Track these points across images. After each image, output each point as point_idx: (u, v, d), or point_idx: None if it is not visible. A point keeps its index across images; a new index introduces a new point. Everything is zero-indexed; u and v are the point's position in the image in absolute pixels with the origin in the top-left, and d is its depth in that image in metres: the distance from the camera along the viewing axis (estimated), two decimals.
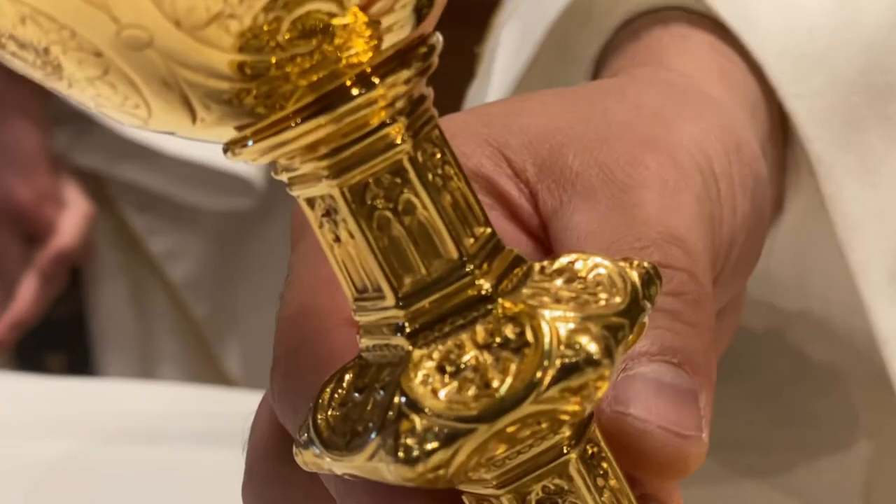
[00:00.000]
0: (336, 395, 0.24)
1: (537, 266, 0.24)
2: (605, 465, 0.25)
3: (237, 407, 0.63)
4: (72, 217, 1.03)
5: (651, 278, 0.24)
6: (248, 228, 1.07)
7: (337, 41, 0.22)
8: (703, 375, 0.27)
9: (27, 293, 1.02)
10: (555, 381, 0.22)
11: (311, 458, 0.24)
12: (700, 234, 0.29)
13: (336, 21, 0.22)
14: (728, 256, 0.32)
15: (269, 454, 0.29)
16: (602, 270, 0.24)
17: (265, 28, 0.21)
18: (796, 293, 0.47)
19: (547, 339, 0.23)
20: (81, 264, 1.07)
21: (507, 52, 0.44)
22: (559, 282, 0.24)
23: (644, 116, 0.32)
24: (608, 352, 0.23)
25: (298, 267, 0.29)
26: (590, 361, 0.22)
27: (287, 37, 0.21)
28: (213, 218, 1.06)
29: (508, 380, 0.23)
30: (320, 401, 0.24)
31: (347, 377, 0.24)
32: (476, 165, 0.29)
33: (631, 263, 0.24)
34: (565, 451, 0.24)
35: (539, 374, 0.22)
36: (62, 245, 1.02)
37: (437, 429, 0.22)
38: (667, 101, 0.33)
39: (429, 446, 0.22)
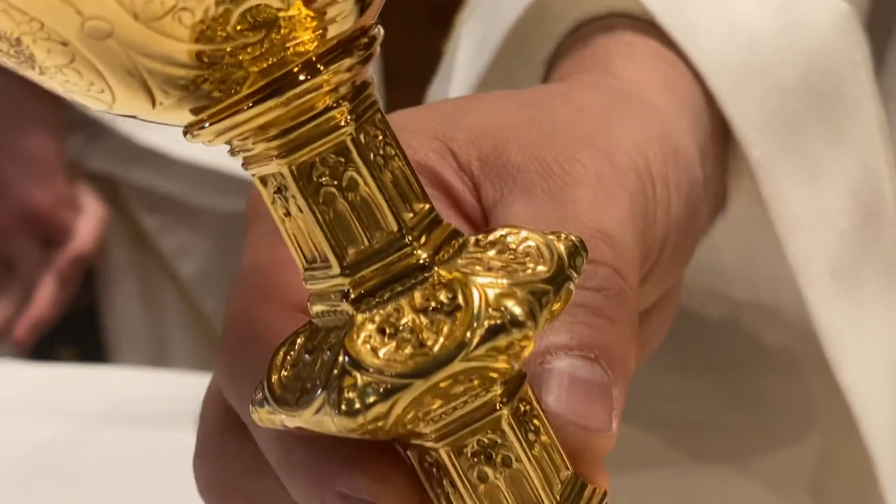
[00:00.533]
0: (288, 357, 0.27)
1: (472, 239, 0.27)
2: (536, 422, 0.27)
3: None
4: (88, 221, 1.06)
5: (577, 250, 0.26)
6: None
7: (283, 31, 0.24)
8: (620, 370, 0.29)
9: (45, 294, 1.04)
10: (483, 340, 0.24)
11: (266, 415, 0.26)
12: (631, 230, 0.31)
13: (282, 13, 0.24)
14: (661, 254, 0.34)
15: (218, 428, 0.31)
16: (531, 242, 0.26)
17: (216, 20, 0.23)
18: (747, 285, 0.48)
19: (476, 303, 0.25)
20: (96, 265, 1.10)
21: (467, 52, 0.46)
22: (492, 253, 0.26)
23: (586, 118, 0.34)
24: (532, 314, 0.25)
25: (251, 249, 0.31)
26: (515, 323, 0.24)
27: (237, 28, 0.23)
28: (220, 218, 1.09)
29: (441, 339, 0.25)
30: (274, 362, 0.27)
31: (299, 340, 0.27)
32: (423, 158, 0.31)
33: (559, 237, 0.27)
34: (498, 407, 0.26)
35: (468, 335, 0.24)
36: (79, 248, 1.05)
37: (376, 384, 0.24)
38: (609, 105, 0.35)
39: (368, 400, 0.24)
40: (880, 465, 0.45)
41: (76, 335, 1.11)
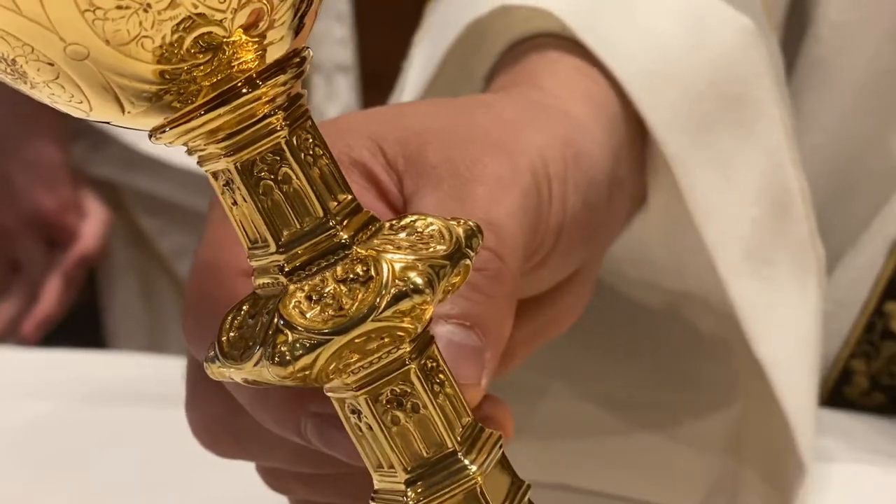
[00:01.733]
0: (235, 321, 0.32)
1: (387, 224, 0.32)
2: (441, 376, 0.32)
3: None
4: (92, 224, 1.10)
5: (474, 233, 0.32)
6: None
7: (228, 53, 0.29)
8: (493, 336, 0.35)
9: (51, 294, 1.09)
10: (389, 304, 0.30)
11: (216, 370, 0.32)
12: (518, 222, 0.36)
13: (226, 39, 0.29)
14: (556, 242, 0.39)
15: (199, 378, 0.37)
16: (435, 227, 0.32)
17: (172, 45, 0.28)
18: (675, 276, 0.53)
19: (385, 274, 0.30)
20: (98, 265, 1.15)
21: (417, 68, 0.51)
22: (402, 235, 0.32)
23: (500, 125, 0.39)
24: (430, 284, 0.30)
25: (209, 229, 0.37)
26: (416, 290, 0.30)
27: (190, 51, 0.29)
28: None
29: (356, 304, 0.30)
30: (223, 326, 0.32)
31: (244, 308, 0.32)
32: (357, 155, 0.37)
33: (459, 222, 0.32)
34: (407, 362, 0.31)
35: (378, 300, 0.30)
36: (84, 250, 1.09)
37: (303, 340, 0.30)
38: (524, 114, 0.41)
39: (297, 353, 0.30)
40: (796, 426, 0.49)
41: (78, 331, 1.15)
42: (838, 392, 0.61)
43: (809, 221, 0.52)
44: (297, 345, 0.30)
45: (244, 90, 0.30)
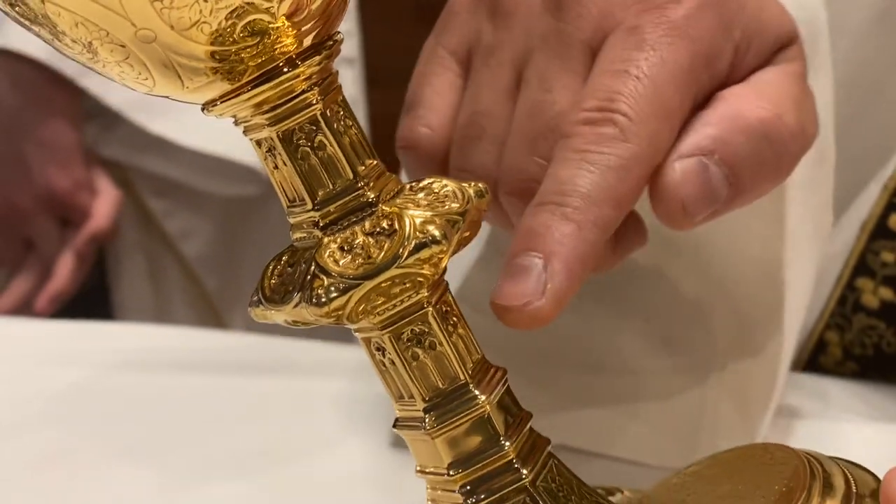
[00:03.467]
0: (276, 270, 0.36)
1: (407, 185, 0.37)
2: (455, 318, 0.37)
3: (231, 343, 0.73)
4: (104, 203, 1.12)
5: (482, 192, 0.36)
6: (253, 212, 1.15)
7: (272, 37, 0.34)
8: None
9: (64, 270, 1.11)
10: (411, 253, 0.34)
11: (260, 312, 0.36)
12: None
13: (271, 25, 0.34)
14: None
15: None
16: (449, 188, 0.36)
17: (226, 29, 0.33)
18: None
19: (407, 228, 0.35)
20: (109, 243, 1.18)
21: None
22: (421, 195, 0.36)
23: None
24: (446, 236, 0.35)
25: None
26: (434, 241, 0.34)
27: (240, 35, 0.33)
28: (222, 202, 1.14)
29: (382, 253, 0.35)
30: (265, 274, 0.36)
31: (284, 258, 0.37)
32: None
33: (470, 184, 0.37)
34: (425, 305, 0.36)
35: (401, 249, 0.34)
36: (95, 228, 1.11)
37: (336, 284, 0.34)
38: None
39: (331, 295, 0.34)
40: (785, 353, 0.52)
41: (87, 309, 1.18)
42: (814, 361, 0.65)
43: (831, 185, 0.54)
44: (332, 288, 0.34)
45: (285, 69, 0.35)
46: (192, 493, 0.57)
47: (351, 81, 1.14)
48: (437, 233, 0.35)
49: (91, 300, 1.17)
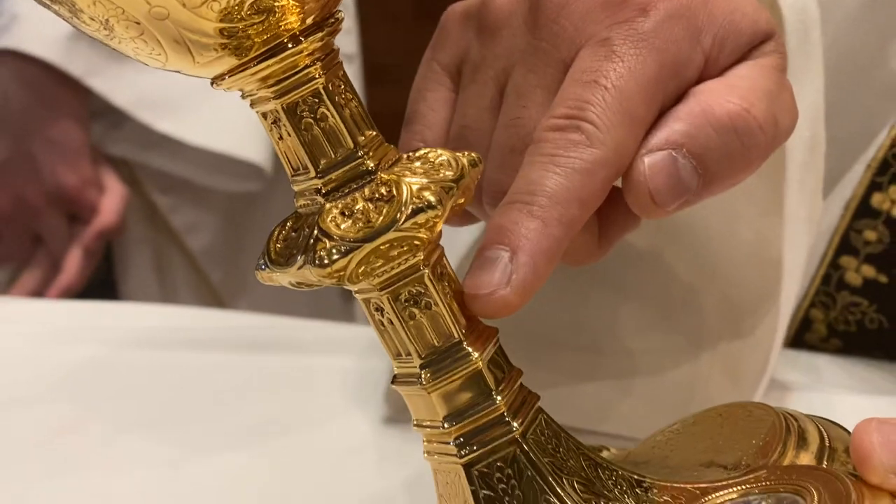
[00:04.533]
0: (281, 234, 0.39)
1: (405, 155, 0.39)
2: (449, 280, 0.39)
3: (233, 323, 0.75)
4: (111, 200, 1.14)
5: (475, 162, 0.39)
6: (256, 206, 1.17)
7: (277, 15, 0.36)
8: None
9: (73, 265, 1.13)
10: (408, 217, 0.37)
11: (266, 275, 0.38)
12: None
13: (277, 3, 0.36)
14: None
15: None
16: (444, 157, 0.38)
17: (234, 7, 0.35)
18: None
19: (405, 194, 0.37)
20: (116, 238, 1.20)
21: None
22: (417, 164, 0.38)
23: None
24: (441, 201, 0.37)
25: None
26: (430, 206, 0.37)
27: (247, 13, 0.36)
28: (226, 197, 1.16)
29: (381, 218, 0.37)
30: (271, 239, 0.39)
31: (288, 224, 0.39)
32: None
33: (464, 154, 0.39)
34: (421, 268, 0.38)
35: (398, 214, 0.37)
36: (104, 224, 1.14)
37: (338, 246, 0.37)
38: None
39: (334, 257, 0.37)
40: (780, 328, 0.54)
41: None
42: (800, 338, 0.67)
43: (821, 169, 0.56)
44: (334, 250, 0.37)
45: (289, 45, 0.37)
46: (197, 463, 0.59)
47: (351, 77, 1.16)
48: (432, 198, 0.37)
49: (99, 293, 1.18)
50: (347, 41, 1.16)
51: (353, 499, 0.56)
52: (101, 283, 1.20)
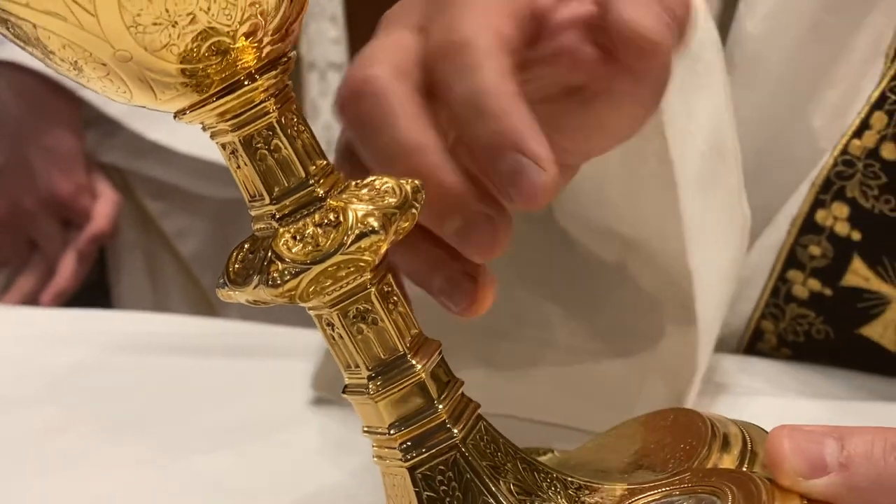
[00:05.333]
0: (239, 256, 0.42)
1: (353, 183, 0.42)
2: (395, 297, 0.42)
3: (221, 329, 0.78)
4: (104, 206, 1.17)
5: (418, 189, 0.42)
6: (245, 212, 1.20)
7: (234, 55, 0.39)
8: None
9: (67, 269, 1.16)
10: (353, 242, 0.40)
11: (225, 292, 0.42)
12: None
13: (232, 46, 0.39)
14: None
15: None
16: (389, 184, 0.41)
17: (192, 50, 0.38)
18: (628, 218, 0.59)
19: (350, 220, 0.40)
20: (109, 243, 1.23)
21: None
22: (364, 191, 0.41)
23: None
24: (384, 227, 0.40)
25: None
26: (373, 231, 0.40)
27: (205, 54, 0.39)
28: (217, 204, 1.20)
29: (328, 242, 0.40)
30: (230, 260, 0.42)
31: (246, 245, 0.42)
32: None
33: (408, 181, 0.42)
34: (368, 286, 0.41)
35: (345, 238, 0.40)
36: (96, 229, 1.16)
37: (289, 268, 0.40)
38: None
39: (285, 278, 0.40)
40: (701, 328, 0.57)
41: (89, 305, 1.23)
42: (752, 348, 0.70)
43: (738, 179, 0.59)
44: (286, 272, 0.40)
45: (245, 82, 0.40)
46: (180, 463, 0.62)
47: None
48: (375, 224, 0.40)
49: (92, 296, 1.21)
50: (337, 50, 1.19)
51: (325, 497, 0.59)
52: (95, 286, 1.23)
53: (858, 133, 0.62)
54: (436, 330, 0.44)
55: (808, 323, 0.67)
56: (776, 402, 0.65)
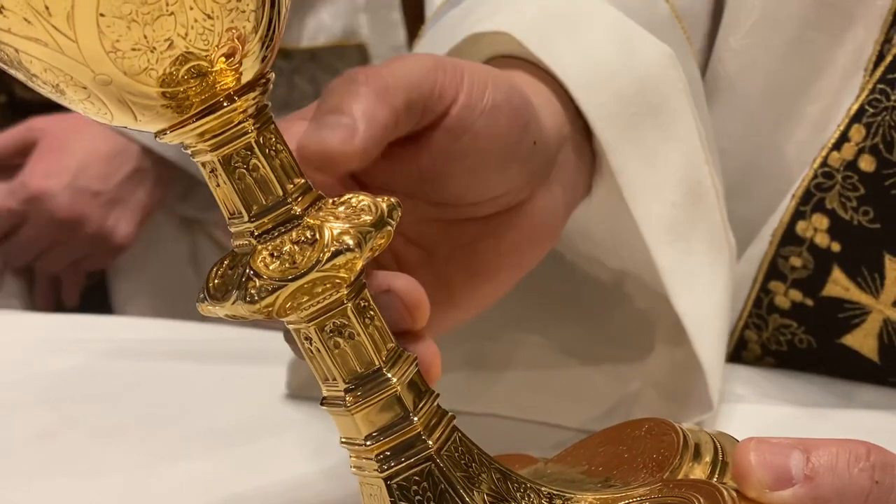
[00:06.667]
0: (219, 272, 0.43)
1: (330, 200, 0.43)
2: (371, 312, 0.43)
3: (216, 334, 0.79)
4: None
5: (394, 207, 0.43)
6: None
7: (213, 78, 0.40)
8: None
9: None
10: (328, 259, 0.41)
11: (205, 307, 0.42)
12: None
13: (210, 69, 0.40)
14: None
15: None
16: (365, 202, 0.42)
17: (171, 73, 0.39)
18: (613, 253, 0.62)
19: (326, 237, 0.41)
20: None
21: None
22: (341, 209, 0.42)
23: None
24: (359, 244, 0.41)
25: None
26: (348, 249, 0.41)
27: (184, 77, 0.40)
28: None
29: (304, 259, 0.41)
30: (210, 275, 0.43)
31: (226, 262, 0.43)
32: None
33: (384, 199, 0.43)
34: (344, 301, 0.42)
35: (321, 256, 0.41)
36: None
37: (267, 285, 0.40)
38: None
39: (262, 294, 0.40)
40: (707, 368, 0.58)
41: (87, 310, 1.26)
42: (737, 357, 0.71)
43: (722, 214, 0.61)
44: (263, 288, 0.41)
45: (224, 104, 0.41)
46: (172, 466, 0.63)
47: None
48: (351, 242, 0.41)
49: (91, 300, 1.26)
50: (395, 35, 1.29)
51: (317, 502, 0.60)
52: (94, 291, 1.27)
53: (838, 145, 0.63)
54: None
55: (790, 333, 0.68)
56: (759, 409, 0.66)
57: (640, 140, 0.57)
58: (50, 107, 0.86)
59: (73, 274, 1.22)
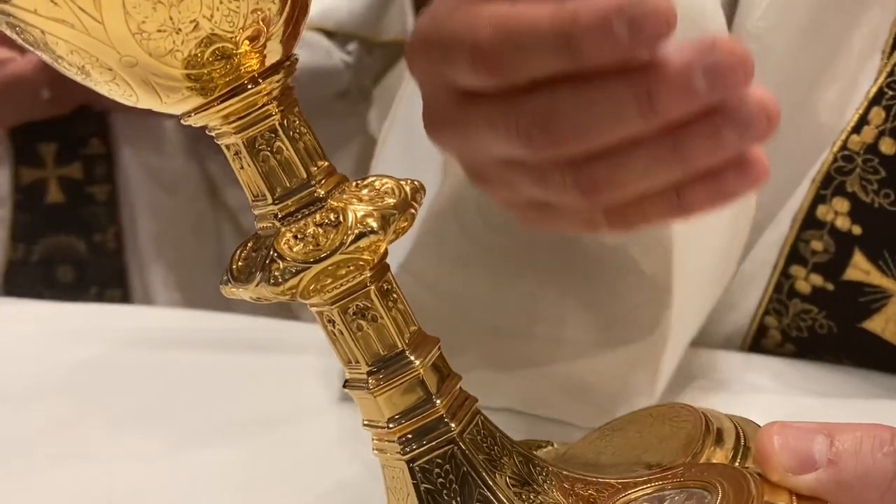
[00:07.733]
0: (242, 254, 0.43)
1: (353, 183, 0.43)
2: (395, 295, 0.43)
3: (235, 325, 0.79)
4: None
5: (417, 189, 0.43)
6: None
7: (237, 60, 0.40)
8: None
9: None
10: (352, 241, 0.41)
11: (229, 289, 0.43)
12: None
13: (235, 51, 0.40)
14: None
15: None
16: (389, 185, 0.43)
17: (196, 55, 0.39)
18: None
19: (350, 220, 0.41)
20: None
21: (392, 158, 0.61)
22: (364, 191, 0.43)
23: None
24: (383, 227, 0.41)
25: None
26: (372, 231, 0.41)
27: (209, 59, 0.40)
28: None
29: (328, 242, 0.41)
30: (234, 257, 0.43)
31: (249, 244, 0.43)
32: None
33: (408, 182, 0.43)
34: (368, 284, 0.42)
35: (344, 238, 0.41)
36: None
37: (290, 267, 0.41)
38: None
39: (286, 276, 0.41)
40: (674, 336, 0.58)
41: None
42: (757, 344, 0.71)
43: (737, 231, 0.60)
44: (287, 270, 0.41)
45: (249, 86, 0.41)
46: (190, 455, 0.63)
47: None
48: (374, 224, 0.41)
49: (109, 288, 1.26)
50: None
51: (335, 490, 0.60)
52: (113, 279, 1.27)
53: (857, 128, 0.63)
54: (446, 330, 0.45)
55: (811, 318, 0.68)
56: (780, 399, 0.66)
57: None
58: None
59: None
